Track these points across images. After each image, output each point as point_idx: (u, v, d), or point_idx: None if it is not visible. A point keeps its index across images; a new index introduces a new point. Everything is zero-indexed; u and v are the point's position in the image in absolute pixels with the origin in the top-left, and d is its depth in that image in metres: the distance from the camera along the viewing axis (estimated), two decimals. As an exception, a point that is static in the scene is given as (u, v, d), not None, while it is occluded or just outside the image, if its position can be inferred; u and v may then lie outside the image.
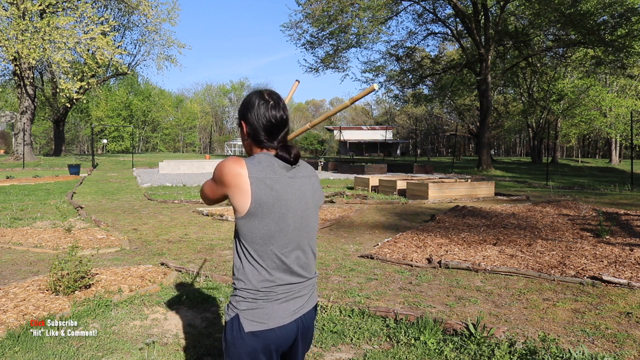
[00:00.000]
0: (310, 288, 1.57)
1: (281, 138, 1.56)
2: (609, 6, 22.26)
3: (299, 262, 1.52)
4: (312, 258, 1.58)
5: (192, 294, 4.12)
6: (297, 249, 1.51)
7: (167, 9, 32.84)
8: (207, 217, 8.66)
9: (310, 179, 1.59)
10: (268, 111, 1.53)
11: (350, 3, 24.37)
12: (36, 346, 3.07)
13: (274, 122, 1.53)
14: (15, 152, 29.67)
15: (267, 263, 1.46)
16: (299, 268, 1.52)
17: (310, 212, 1.56)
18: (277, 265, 1.47)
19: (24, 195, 11.93)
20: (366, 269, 5.10)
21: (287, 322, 1.48)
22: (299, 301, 1.52)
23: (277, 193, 1.46)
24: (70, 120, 56.95)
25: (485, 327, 3.22)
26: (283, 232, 1.47)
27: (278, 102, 1.56)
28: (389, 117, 76.19)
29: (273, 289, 1.47)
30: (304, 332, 1.55)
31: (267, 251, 1.46)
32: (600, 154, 61.37)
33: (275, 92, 1.60)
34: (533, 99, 34.98)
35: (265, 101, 1.54)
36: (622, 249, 5.70)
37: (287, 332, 1.48)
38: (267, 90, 1.58)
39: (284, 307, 1.48)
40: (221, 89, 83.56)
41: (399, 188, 12.37)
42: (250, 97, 1.57)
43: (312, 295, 1.59)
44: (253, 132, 1.55)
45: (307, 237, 1.55)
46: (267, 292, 1.46)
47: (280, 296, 1.48)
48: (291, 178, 1.51)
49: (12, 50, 23.28)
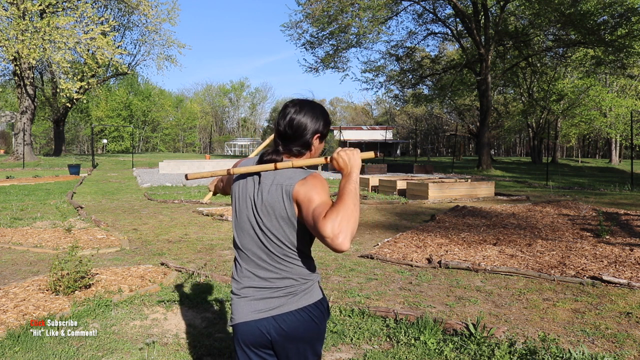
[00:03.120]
0: (286, 291, 1.52)
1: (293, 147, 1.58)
2: (609, 6, 22.26)
3: (261, 262, 1.55)
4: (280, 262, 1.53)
5: (192, 294, 4.12)
6: (257, 248, 1.56)
7: (167, 9, 32.90)
8: (207, 217, 8.66)
9: (274, 186, 1.51)
10: (279, 119, 1.59)
11: (350, 3, 24.36)
12: (36, 346, 3.07)
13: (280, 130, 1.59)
14: (15, 152, 29.68)
15: (239, 257, 1.61)
16: (261, 270, 1.55)
17: (264, 218, 1.52)
18: (246, 263, 1.59)
19: (24, 195, 11.92)
20: (366, 269, 5.09)
21: (249, 319, 1.53)
22: (271, 302, 1.52)
23: (238, 189, 1.61)
24: (70, 120, 56.94)
25: (485, 327, 3.22)
26: (242, 227, 1.60)
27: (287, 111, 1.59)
28: (389, 117, 76.18)
29: (242, 290, 1.57)
30: (283, 335, 1.52)
31: (236, 244, 1.62)
32: (600, 154, 61.36)
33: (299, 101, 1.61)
34: (533, 99, 34.97)
35: (284, 107, 1.60)
36: (622, 249, 5.70)
37: (251, 330, 1.53)
38: (293, 100, 1.62)
39: (250, 305, 1.54)
40: (221, 89, 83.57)
41: (399, 188, 12.37)
42: None
43: (293, 299, 1.52)
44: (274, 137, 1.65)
45: (266, 241, 1.53)
46: (238, 290, 1.58)
47: (249, 293, 1.55)
48: (255, 181, 1.57)
49: (12, 50, 23.28)
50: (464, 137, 56.70)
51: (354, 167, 1.46)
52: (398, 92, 37.27)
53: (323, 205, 1.38)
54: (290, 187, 1.47)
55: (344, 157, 1.48)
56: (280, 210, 1.49)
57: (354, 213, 1.33)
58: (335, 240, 1.28)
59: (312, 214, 1.38)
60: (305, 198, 1.43)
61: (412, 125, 65.14)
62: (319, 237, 1.34)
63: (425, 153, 67.68)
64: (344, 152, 1.49)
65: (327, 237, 1.29)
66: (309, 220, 1.39)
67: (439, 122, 65.36)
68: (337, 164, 1.50)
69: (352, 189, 1.40)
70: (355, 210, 1.34)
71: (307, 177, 1.48)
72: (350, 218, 1.31)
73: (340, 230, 1.28)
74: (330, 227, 1.29)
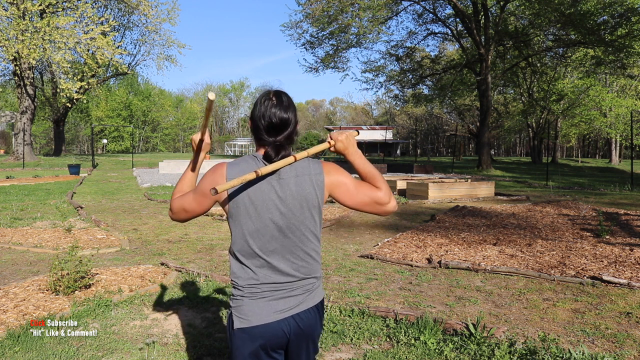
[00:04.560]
0: (304, 289, 1.55)
1: (282, 138, 1.55)
2: (609, 6, 22.25)
3: (285, 261, 1.52)
4: (305, 258, 1.55)
5: (192, 294, 4.12)
6: (282, 248, 1.52)
7: (167, 9, 32.89)
8: (207, 217, 8.66)
9: (300, 178, 1.54)
10: (268, 110, 1.54)
11: (350, 3, 24.36)
12: (36, 346, 3.07)
13: (273, 121, 1.54)
14: (15, 152, 29.67)
15: (252, 261, 1.52)
16: (286, 267, 1.52)
17: (296, 211, 1.52)
18: (261, 264, 1.51)
19: (24, 195, 11.92)
20: (366, 269, 5.09)
21: (270, 320, 1.48)
22: (290, 301, 1.51)
23: (249, 193, 1.50)
24: (70, 120, 56.95)
25: (485, 327, 3.22)
26: (261, 232, 1.50)
27: (281, 102, 1.56)
28: (389, 117, 76.20)
29: (257, 287, 1.50)
30: (300, 336, 1.52)
31: (249, 250, 1.51)
32: (600, 154, 61.36)
33: (283, 93, 1.60)
34: (533, 99, 34.96)
35: (269, 99, 1.56)
36: (622, 249, 5.70)
37: (273, 331, 1.49)
38: (273, 90, 1.60)
39: (269, 305, 1.49)
40: (221, 89, 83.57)
41: (399, 188, 12.37)
42: (260, 95, 1.60)
43: (310, 297, 1.56)
44: (254, 130, 1.58)
45: (294, 236, 1.53)
46: (252, 290, 1.50)
47: (266, 294, 1.50)
48: (272, 178, 1.52)
49: (12, 50, 23.27)
50: (464, 137, 56.70)
51: (354, 146, 1.64)
52: (398, 92, 37.26)
53: (356, 181, 1.61)
54: (318, 177, 1.57)
55: (344, 140, 1.63)
56: (313, 200, 1.55)
57: None
58: (392, 203, 1.62)
59: (357, 190, 1.59)
60: (337, 182, 1.59)
61: (412, 125, 65.15)
62: (372, 205, 1.59)
63: (425, 153, 67.68)
64: (341, 136, 1.63)
65: (385, 203, 1.60)
66: (356, 197, 1.59)
67: (439, 122, 65.36)
68: (339, 147, 1.64)
69: (366, 160, 1.62)
70: None
71: (323, 165, 1.61)
72: (386, 182, 1.63)
73: (391, 194, 1.61)
74: (386, 194, 1.59)
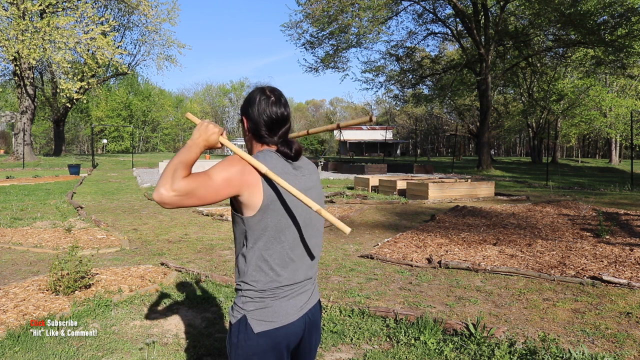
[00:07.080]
0: (312, 283, 1.60)
1: (282, 134, 1.57)
2: (609, 6, 22.24)
3: (306, 259, 1.53)
4: (319, 254, 1.61)
5: (192, 294, 4.12)
6: (304, 245, 1.52)
7: (167, 9, 32.86)
8: (207, 217, 8.66)
9: (313, 175, 1.61)
10: (269, 107, 1.54)
11: (351, 3, 24.35)
12: (36, 346, 3.07)
13: (275, 117, 1.54)
14: (15, 152, 29.67)
15: (275, 261, 1.45)
16: (307, 266, 1.53)
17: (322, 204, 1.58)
18: (286, 263, 1.47)
19: (24, 195, 11.92)
20: (366, 269, 5.09)
21: (295, 318, 1.49)
22: (303, 297, 1.54)
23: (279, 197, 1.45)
24: (70, 120, 56.93)
25: (485, 327, 3.22)
26: (291, 228, 1.48)
27: (279, 98, 1.56)
28: (389, 117, 76.17)
29: (280, 287, 1.46)
30: (311, 327, 1.57)
31: (277, 249, 1.45)
32: (600, 154, 61.35)
33: (277, 89, 1.60)
34: (533, 99, 34.95)
35: (267, 97, 1.55)
36: (622, 249, 5.70)
37: (296, 329, 1.49)
38: (268, 87, 1.59)
39: (291, 304, 1.49)
40: (221, 89, 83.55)
41: (399, 188, 12.37)
42: (252, 93, 1.58)
43: (315, 290, 1.62)
44: (254, 128, 1.55)
45: (313, 233, 1.55)
46: (274, 291, 1.45)
47: (287, 293, 1.48)
48: (296, 173, 1.53)
49: (12, 50, 23.27)
50: (464, 137, 56.70)
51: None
52: (398, 92, 37.23)
53: None
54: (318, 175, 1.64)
55: None
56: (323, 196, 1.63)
57: None
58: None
59: None
60: None
61: (412, 125, 65.15)
62: None
63: (425, 153, 67.68)
64: None
65: None
66: None
67: (439, 122, 65.34)
68: None
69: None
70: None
71: None
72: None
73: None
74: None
